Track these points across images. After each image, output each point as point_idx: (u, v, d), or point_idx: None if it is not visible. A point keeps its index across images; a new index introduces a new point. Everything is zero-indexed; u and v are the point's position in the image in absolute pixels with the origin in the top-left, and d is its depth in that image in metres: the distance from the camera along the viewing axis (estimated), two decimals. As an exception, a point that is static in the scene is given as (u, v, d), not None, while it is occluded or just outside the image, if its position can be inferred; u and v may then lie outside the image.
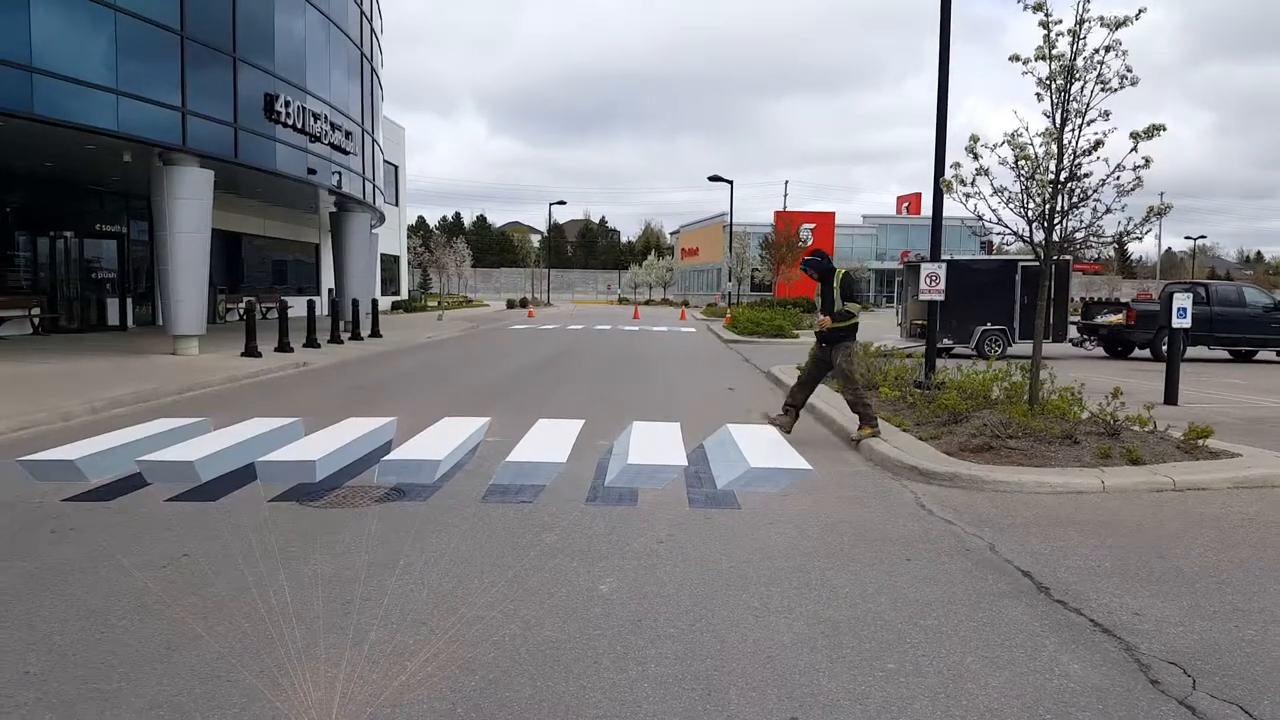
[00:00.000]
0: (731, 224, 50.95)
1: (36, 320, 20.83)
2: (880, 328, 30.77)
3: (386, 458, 7.69)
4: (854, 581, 4.86)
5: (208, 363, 15.38)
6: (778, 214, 66.14)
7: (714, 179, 45.94)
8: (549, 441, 8.74)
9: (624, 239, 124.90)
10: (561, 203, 74.25)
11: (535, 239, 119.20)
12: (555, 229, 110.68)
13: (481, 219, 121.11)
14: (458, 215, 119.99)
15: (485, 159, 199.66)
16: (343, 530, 5.66)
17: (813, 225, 66.11)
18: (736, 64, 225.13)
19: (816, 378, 9.42)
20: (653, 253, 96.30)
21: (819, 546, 5.49)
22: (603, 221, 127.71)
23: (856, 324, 9.12)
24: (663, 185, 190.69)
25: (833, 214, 70.82)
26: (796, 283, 53.84)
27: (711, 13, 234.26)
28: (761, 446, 8.61)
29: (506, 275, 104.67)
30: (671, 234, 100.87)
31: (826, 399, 11.29)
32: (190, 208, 16.73)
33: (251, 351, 16.50)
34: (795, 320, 32.37)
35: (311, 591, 4.49)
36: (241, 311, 17.64)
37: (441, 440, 8.53)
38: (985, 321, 21.41)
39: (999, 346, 21.34)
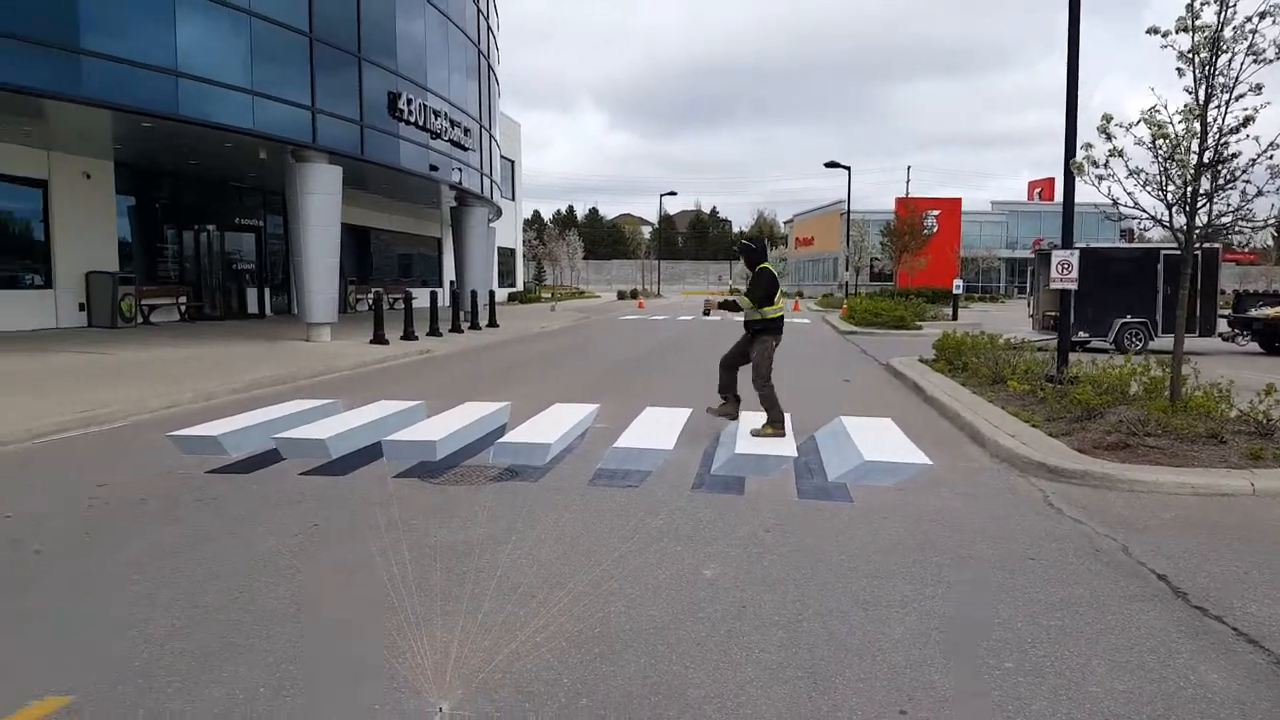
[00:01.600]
0: (849, 211, 49.71)
1: (183, 308, 22.20)
2: (1012, 320, 29.74)
3: (501, 440, 7.95)
4: (972, 578, 4.76)
5: (339, 349, 16.13)
6: (899, 200, 64.18)
7: (830, 165, 44.91)
8: (656, 429, 8.85)
9: (735, 229, 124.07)
10: (672, 193, 74.06)
11: (646, 231, 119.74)
12: (666, 220, 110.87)
13: (594, 212, 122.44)
14: (570, 209, 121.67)
15: (601, 153, 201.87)
16: (460, 506, 5.91)
17: (937, 212, 64.01)
18: (859, 47, 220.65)
19: (737, 362, 9.16)
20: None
21: (936, 541, 5.38)
22: (714, 212, 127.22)
23: (775, 319, 8.91)
24: (777, 174, 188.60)
25: (959, 200, 68.35)
26: (920, 272, 52.35)
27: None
28: (877, 439, 8.47)
29: (618, 267, 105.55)
30: (785, 223, 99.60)
31: (952, 394, 11.05)
32: (321, 202, 17.56)
33: (379, 339, 17.21)
34: (918, 311, 31.32)
35: (430, 562, 4.72)
36: (370, 302, 18.45)
37: (552, 425, 8.75)
38: (1125, 314, 20.37)
39: (1139, 340, 20.24)
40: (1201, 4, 8.36)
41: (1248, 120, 8.22)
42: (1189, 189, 8.61)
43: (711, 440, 8.43)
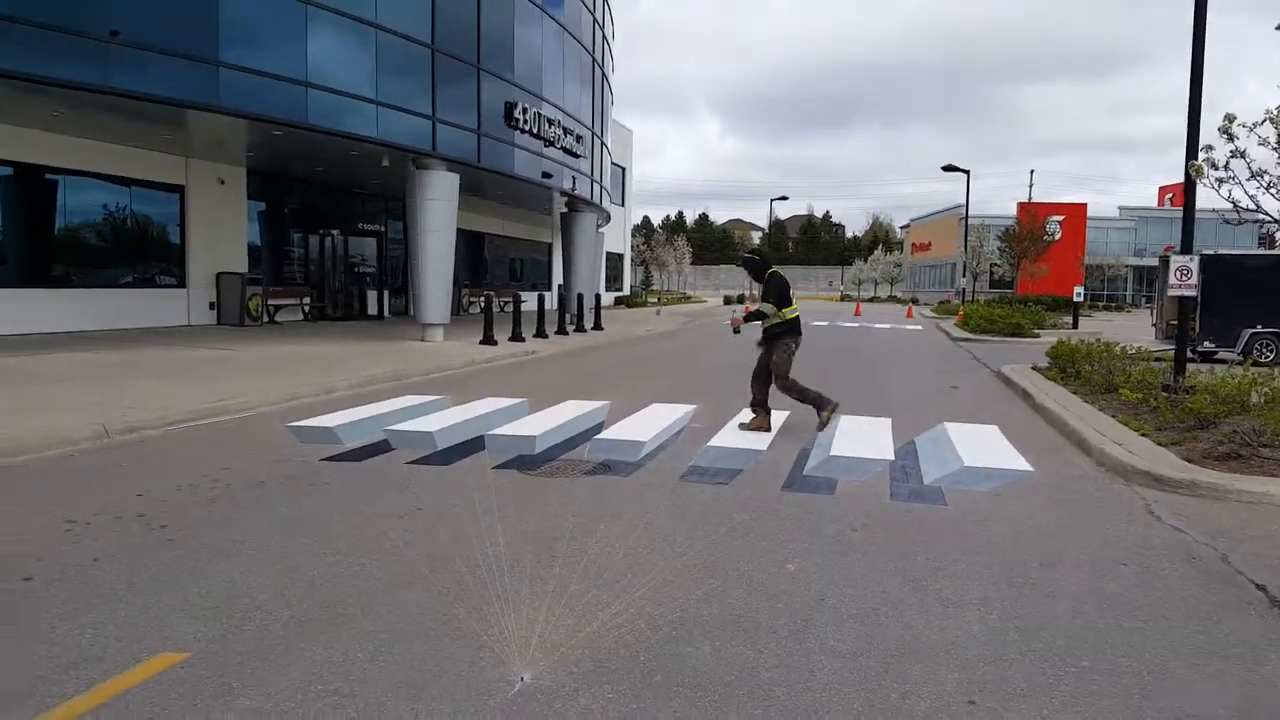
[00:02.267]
0: (967, 215, 48.13)
1: (307, 308, 23.33)
2: (1136, 329, 28.59)
3: (597, 436, 8.16)
4: (1059, 581, 4.71)
5: (450, 349, 16.71)
6: (1021, 205, 61.99)
7: (948, 169, 43.61)
8: (752, 430, 8.90)
9: (849, 234, 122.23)
10: (783, 198, 73.34)
11: (756, 236, 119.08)
12: (776, 225, 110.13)
13: (703, 217, 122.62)
14: (680, 214, 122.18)
15: (715, 158, 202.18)
16: (553, 497, 6.14)
17: (1060, 218, 61.71)
18: (981, 49, 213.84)
19: (766, 372, 9.13)
20: (879, 248, 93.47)
21: (1027, 545, 5.33)
22: (826, 216, 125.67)
23: (792, 321, 8.93)
24: (894, 178, 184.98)
25: (1084, 205, 65.70)
26: (1041, 279, 50.61)
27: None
28: (979, 445, 8.33)
29: (726, 272, 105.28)
30: (901, 228, 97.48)
31: (1061, 401, 10.77)
32: (438, 208, 18.22)
33: (488, 340, 17.74)
34: (1037, 318, 30.31)
35: (522, 546, 4.94)
36: (482, 304, 19.06)
37: (648, 424, 8.91)
38: (1255, 323, 19.28)
39: (1270, 352, 19.14)
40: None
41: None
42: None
43: (807, 442, 8.45)
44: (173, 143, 18.02)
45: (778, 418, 9.73)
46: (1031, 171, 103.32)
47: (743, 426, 8.95)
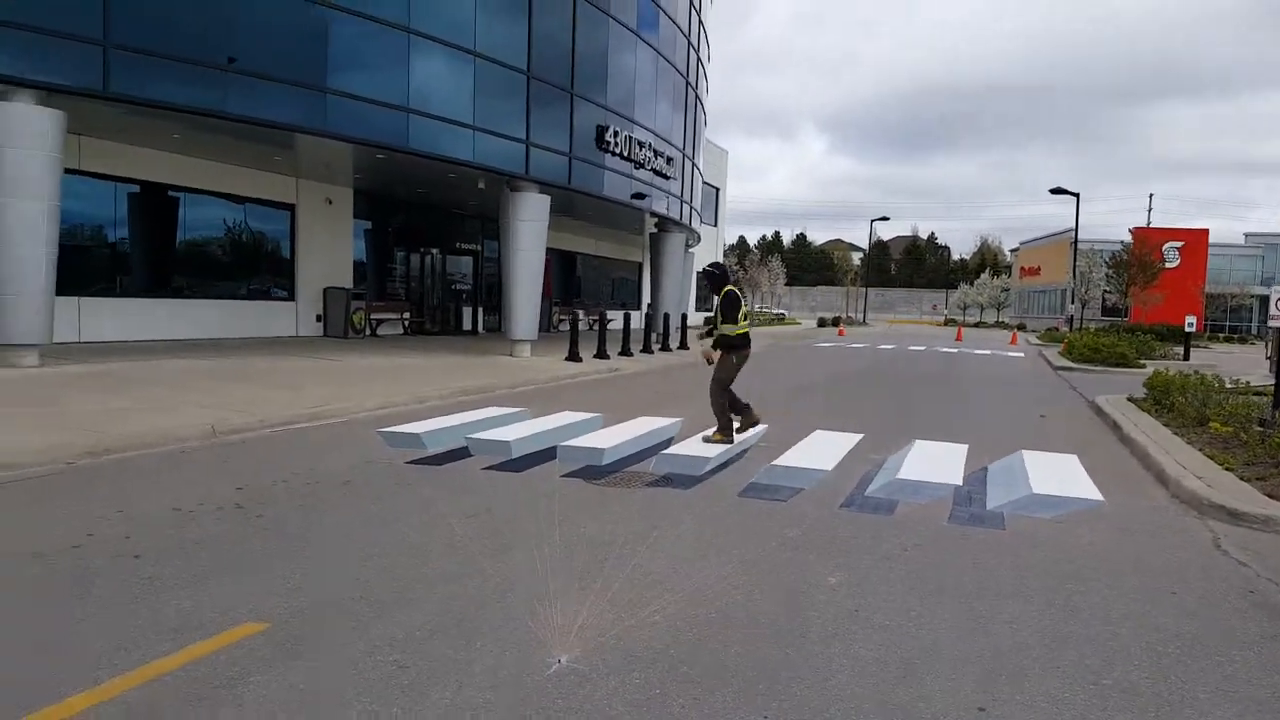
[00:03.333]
0: (1076, 239, 46.83)
1: (406, 323, 24.31)
2: (1253, 361, 27.44)
3: (665, 451, 8.46)
4: (1101, 605, 4.79)
5: (537, 364, 17.27)
6: (1135, 230, 59.90)
7: (1056, 191, 42.22)
8: (819, 451, 9.07)
9: (955, 256, 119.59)
10: (884, 218, 72.51)
11: (856, 257, 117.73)
12: (878, 246, 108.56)
13: (801, 237, 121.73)
14: (776, 234, 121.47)
15: (818, 178, 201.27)
16: (613, 505, 6.48)
17: (1179, 244, 59.41)
18: (1100, 68, 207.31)
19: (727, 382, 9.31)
20: (986, 271, 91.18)
21: (1078, 572, 5.38)
22: (931, 238, 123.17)
23: (744, 336, 9.13)
24: (1005, 200, 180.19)
25: (1205, 231, 62.85)
26: (1156, 307, 48.83)
27: (1075, 15, 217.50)
28: (1053, 474, 8.28)
29: (823, 293, 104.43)
30: (1010, 251, 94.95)
31: (1150, 433, 10.58)
32: (529, 228, 18.87)
33: (574, 357, 18.25)
34: (1144, 348, 29.15)
35: (576, 548, 5.28)
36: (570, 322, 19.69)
37: (717, 442, 9.15)
38: (1365, 359, 18.40)
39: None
40: None
41: None
42: None
43: (874, 466, 8.56)
44: (284, 164, 19.14)
45: (847, 439, 9.85)
46: (1151, 195, 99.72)
47: (739, 431, 9.25)
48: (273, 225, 20.87)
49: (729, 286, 9.24)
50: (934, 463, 8.69)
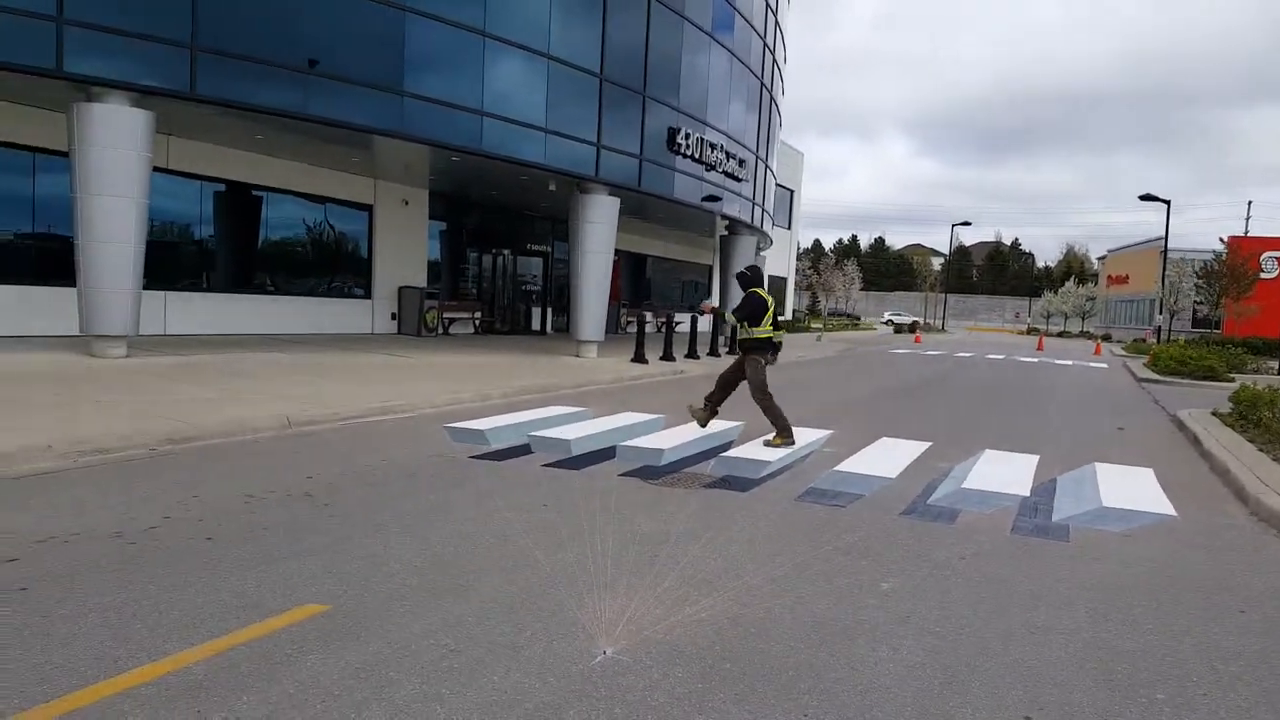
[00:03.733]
0: (1166, 248, 44.99)
1: (477, 322, 24.73)
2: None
3: (724, 454, 8.49)
4: (1162, 620, 4.68)
5: (601, 365, 17.43)
6: (1231, 239, 57.50)
7: (1146, 198, 40.68)
8: (884, 458, 8.99)
9: (1040, 263, 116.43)
10: (965, 223, 71.04)
11: (937, 263, 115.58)
12: (960, 251, 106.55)
13: (879, 241, 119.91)
14: (854, 238, 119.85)
15: (900, 182, 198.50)
16: (668, 504, 6.53)
17: (1278, 254, 56.84)
18: (1199, 71, 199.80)
19: (733, 382, 9.66)
20: (1072, 279, 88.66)
21: (1140, 585, 5.27)
22: (1015, 244, 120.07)
23: (766, 340, 9.28)
24: (1095, 206, 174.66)
25: (1307, 238, 60.10)
26: (1251, 319, 46.86)
27: (1173, 16, 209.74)
28: (1125, 487, 8.07)
29: (900, 299, 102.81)
30: (1098, 259, 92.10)
31: (1232, 449, 10.23)
32: (598, 230, 19.05)
33: (639, 358, 18.35)
34: (1235, 362, 27.93)
35: (628, 544, 5.35)
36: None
37: (779, 446, 9.14)
38: None
39: None
40: None
41: None
42: None
43: (940, 474, 8.45)
44: (362, 165, 19.64)
45: (914, 447, 9.74)
46: (1249, 203, 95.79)
47: (690, 410, 9.73)
48: (351, 225, 21.43)
49: (755, 289, 9.41)
50: (1002, 473, 8.55)
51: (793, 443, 9.04)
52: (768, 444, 9.01)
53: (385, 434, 8.97)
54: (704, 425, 9.65)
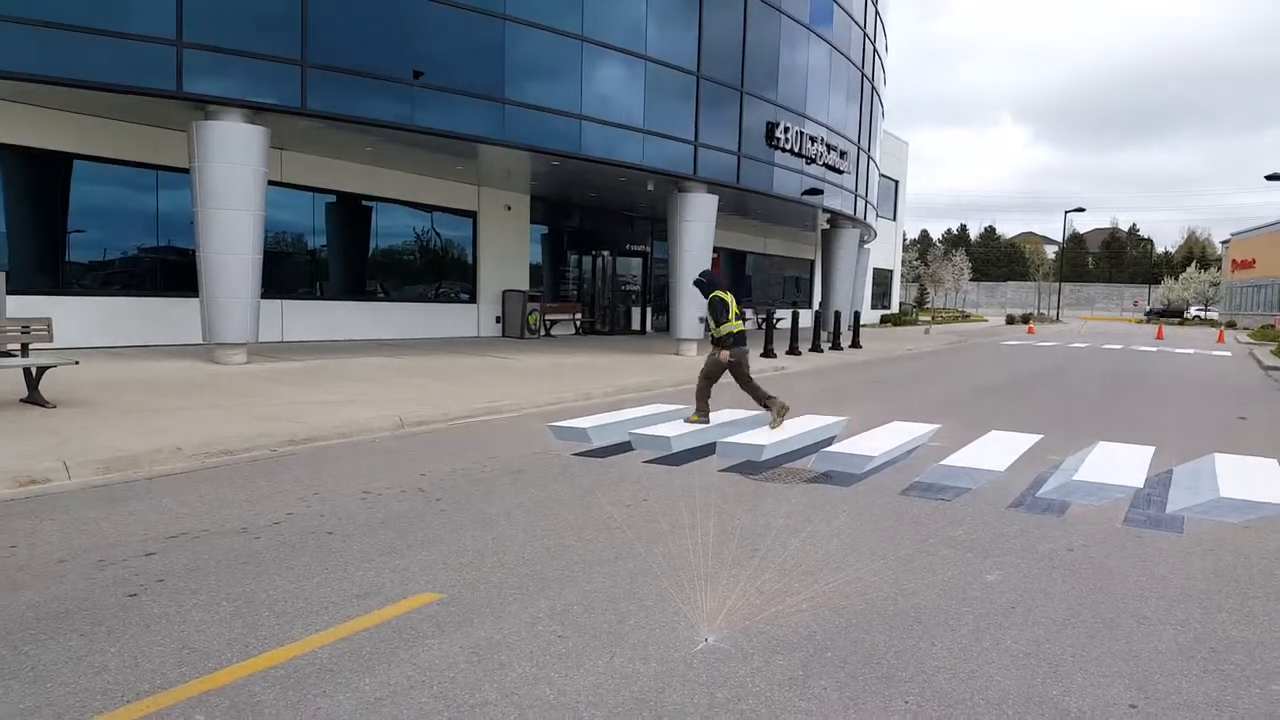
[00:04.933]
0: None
1: (578, 323, 25.13)
2: None
3: (826, 449, 8.47)
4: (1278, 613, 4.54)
5: (700, 363, 17.44)
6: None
7: (1273, 178, 38.32)
8: (993, 451, 8.82)
9: (1159, 249, 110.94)
10: (1080, 209, 68.06)
11: (1050, 250, 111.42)
12: (1075, 239, 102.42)
13: (989, 230, 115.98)
14: (963, 227, 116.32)
15: (1011, 169, 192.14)
16: (768, 499, 6.57)
17: None
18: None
19: (745, 380, 10.17)
20: (1193, 265, 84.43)
21: (1256, 577, 5.09)
22: (1133, 230, 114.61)
23: (732, 333, 9.85)
24: (1223, 189, 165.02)
25: None
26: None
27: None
28: (1246, 478, 7.77)
29: (1013, 289, 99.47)
30: (1221, 243, 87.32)
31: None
32: (696, 229, 19.13)
33: (740, 355, 18.32)
34: (1370, 346, 26.37)
35: (729, 538, 5.43)
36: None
37: (883, 440, 9.07)
38: None
39: None
40: None
41: None
42: None
43: (1050, 467, 8.25)
44: (466, 173, 20.22)
45: (1024, 440, 9.53)
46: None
47: (686, 420, 9.99)
48: (457, 231, 22.07)
49: (715, 293, 10.01)
50: (1115, 464, 8.31)
51: (707, 423, 9.77)
52: (686, 420, 9.88)
53: (492, 433, 9.26)
54: (707, 422, 9.94)
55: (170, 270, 16.19)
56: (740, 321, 10.01)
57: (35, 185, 14.58)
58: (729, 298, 9.99)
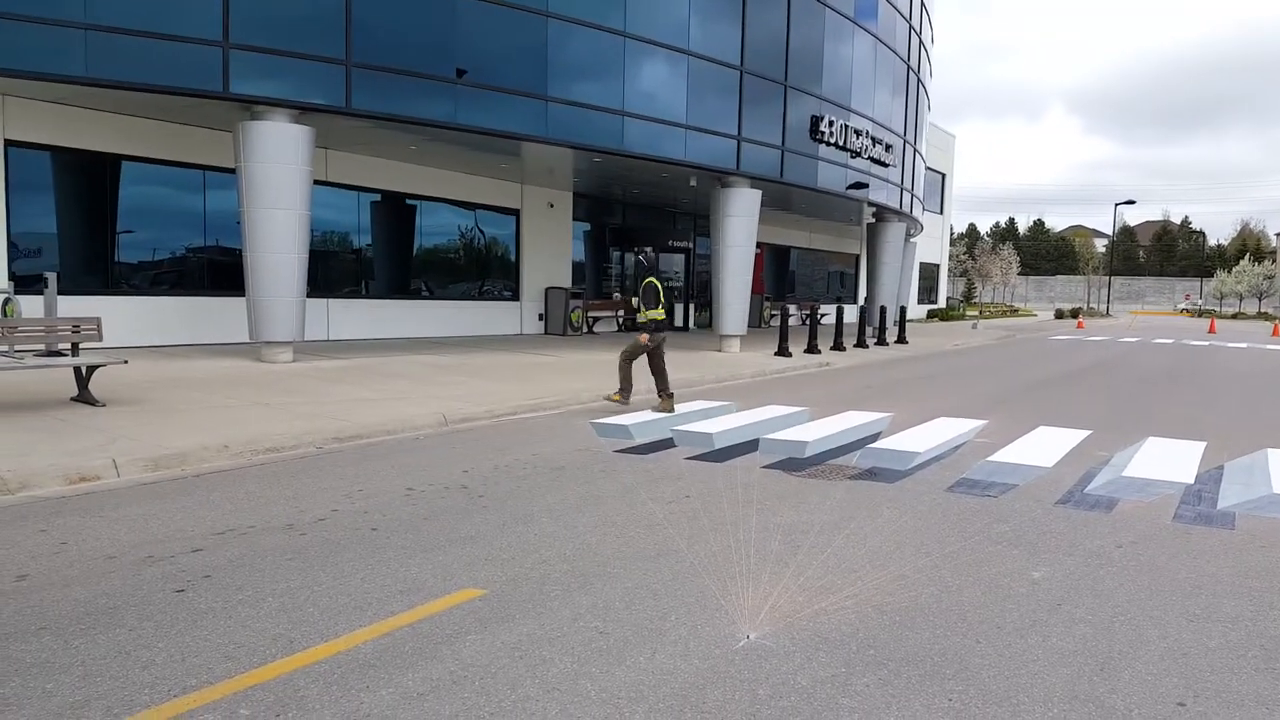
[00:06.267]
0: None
1: (620, 320, 25.15)
2: None
3: (870, 446, 8.39)
4: (1340, 613, 4.42)
5: (744, 359, 17.44)
6: None
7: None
8: (1040, 447, 8.69)
9: (1211, 242, 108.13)
10: (1130, 202, 66.71)
11: (1100, 244, 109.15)
12: (1125, 232, 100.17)
13: (1039, 224, 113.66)
14: (1011, 221, 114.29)
15: (1065, 162, 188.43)
16: (811, 495, 6.54)
17: None
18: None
19: (658, 363, 10.66)
20: (1247, 257, 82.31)
21: (1313, 574, 4.98)
22: (1185, 223, 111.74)
23: (655, 320, 10.62)
24: (1271, 181, 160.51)
25: None
26: None
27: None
28: (1302, 474, 7.62)
29: (1062, 284, 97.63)
30: (1276, 235, 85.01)
31: None
32: (739, 224, 19.05)
33: (783, 352, 18.26)
34: None
35: (771, 535, 5.41)
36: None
37: (928, 436, 8.97)
38: None
39: None
40: None
41: None
42: None
43: (1099, 463, 8.11)
44: (509, 170, 20.33)
45: (1073, 436, 9.37)
46: None
47: (654, 409, 10.44)
48: (500, 229, 22.21)
49: (651, 279, 10.70)
50: (1165, 460, 8.16)
51: (628, 404, 10.52)
52: (607, 399, 10.63)
53: (535, 430, 9.32)
54: (671, 411, 10.31)
55: (217, 270, 16.48)
56: (662, 311, 10.73)
57: (84, 187, 14.91)
58: (662, 287, 10.74)
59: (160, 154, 15.41)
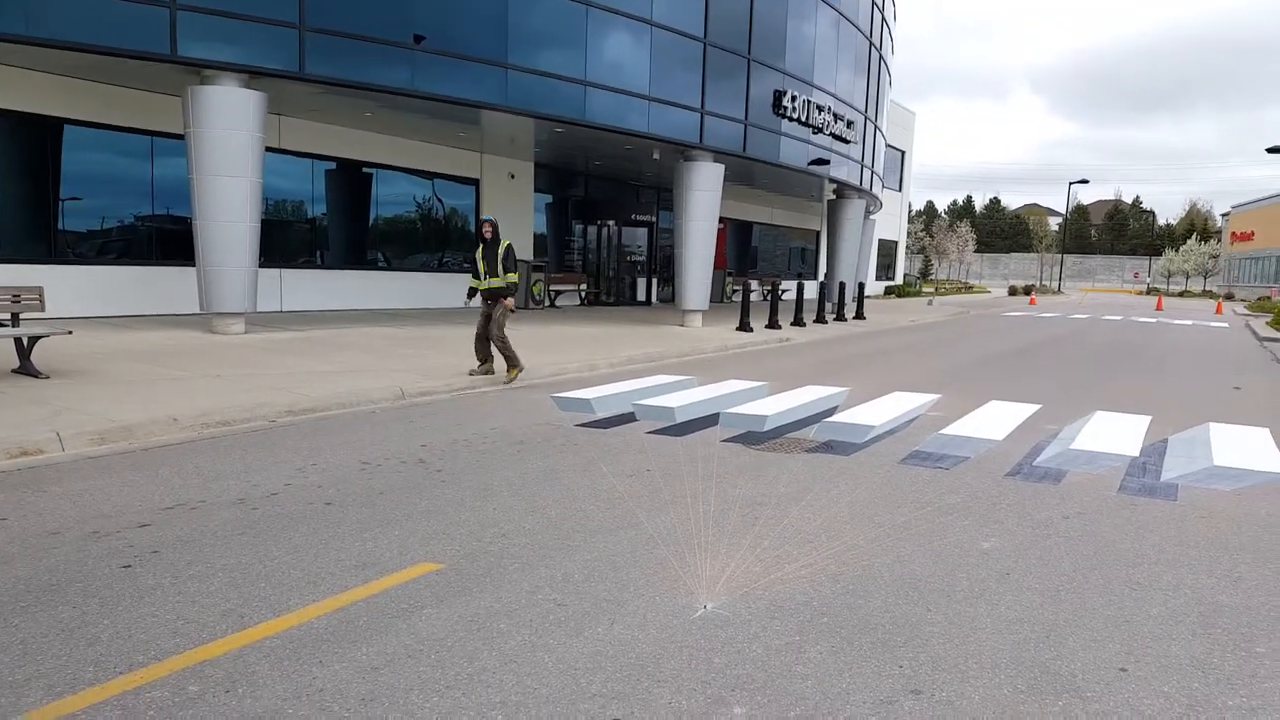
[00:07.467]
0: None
1: (583, 294, 25.09)
2: None
3: (827, 420, 8.49)
4: (1269, 577, 4.60)
5: (706, 334, 17.50)
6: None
7: (1275, 150, 38.20)
8: (991, 421, 8.85)
9: (1161, 221, 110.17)
10: (1083, 181, 67.52)
11: (1054, 222, 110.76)
12: (1078, 211, 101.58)
13: (994, 202, 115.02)
14: (968, 198, 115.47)
15: (1023, 141, 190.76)
16: (769, 468, 6.62)
17: None
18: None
19: (486, 332, 10.48)
20: (1194, 237, 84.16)
21: (1249, 544, 5.15)
22: (1136, 202, 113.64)
23: (514, 286, 10.41)
24: (1234, 162, 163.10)
25: None
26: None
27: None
28: (1239, 447, 7.83)
29: (1016, 261, 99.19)
30: (1221, 216, 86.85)
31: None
32: (702, 199, 19.02)
33: (744, 327, 18.34)
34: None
35: (729, 507, 5.48)
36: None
37: (883, 410, 9.09)
38: None
39: None
40: None
41: None
42: None
43: (1048, 436, 8.29)
44: (469, 140, 20.09)
45: (1023, 410, 9.55)
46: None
47: (473, 374, 10.52)
48: (459, 200, 21.98)
49: (508, 242, 10.43)
50: (1112, 434, 8.35)
51: (522, 369, 10.57)
52: (505, 382, 10.42)
53: (495, 403, 9.29)
54: (493, 372, 10.57)
55: (166, 239, 16.13)
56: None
57: (25, 151, 14.47)
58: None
59: (106, 118, 14.99)
